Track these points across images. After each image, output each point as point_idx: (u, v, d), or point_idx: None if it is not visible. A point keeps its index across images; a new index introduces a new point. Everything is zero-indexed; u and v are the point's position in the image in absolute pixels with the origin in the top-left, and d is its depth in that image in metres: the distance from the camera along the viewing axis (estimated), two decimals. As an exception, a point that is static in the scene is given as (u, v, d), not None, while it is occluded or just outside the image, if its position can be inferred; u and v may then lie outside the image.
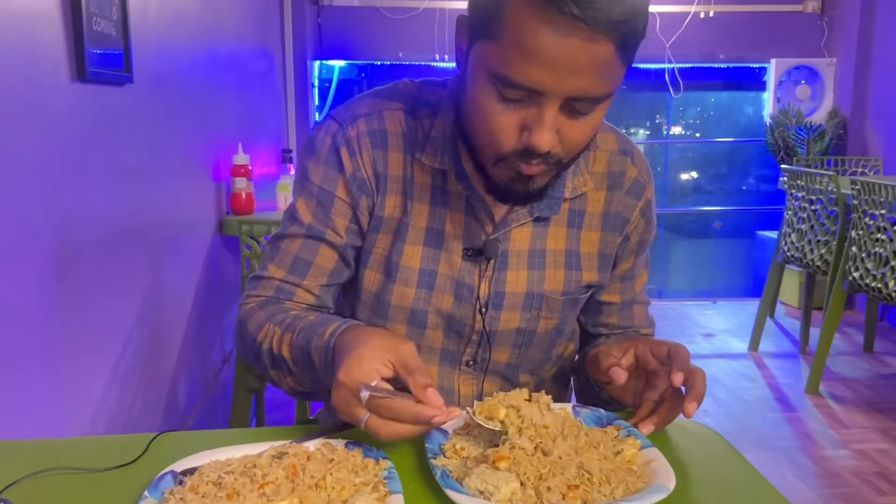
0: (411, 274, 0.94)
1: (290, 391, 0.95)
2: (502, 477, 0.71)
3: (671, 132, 5.05)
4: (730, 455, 0.85)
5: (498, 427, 0.78)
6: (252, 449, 0.77)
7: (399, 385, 0.76)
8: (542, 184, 0.84)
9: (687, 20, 4.44)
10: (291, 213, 0.95)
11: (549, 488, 0.70)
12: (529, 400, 0.82)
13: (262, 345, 0.90)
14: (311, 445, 0.77)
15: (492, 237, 0.93)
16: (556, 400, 1.06)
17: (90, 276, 1.43)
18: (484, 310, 0.95)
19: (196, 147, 2.22)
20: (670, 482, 0.71)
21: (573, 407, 0.89)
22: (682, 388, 0.85)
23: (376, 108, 0.94)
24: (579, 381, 1.05)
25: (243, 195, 2.49)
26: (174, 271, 2.01)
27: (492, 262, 0.94)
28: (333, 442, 0.78)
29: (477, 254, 0.93)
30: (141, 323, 1.71)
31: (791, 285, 4.41)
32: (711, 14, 4.44)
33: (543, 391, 0.84)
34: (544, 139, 0.76)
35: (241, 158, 2.48)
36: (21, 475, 0.75)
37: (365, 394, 0.73)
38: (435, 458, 0.76)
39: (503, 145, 0.79)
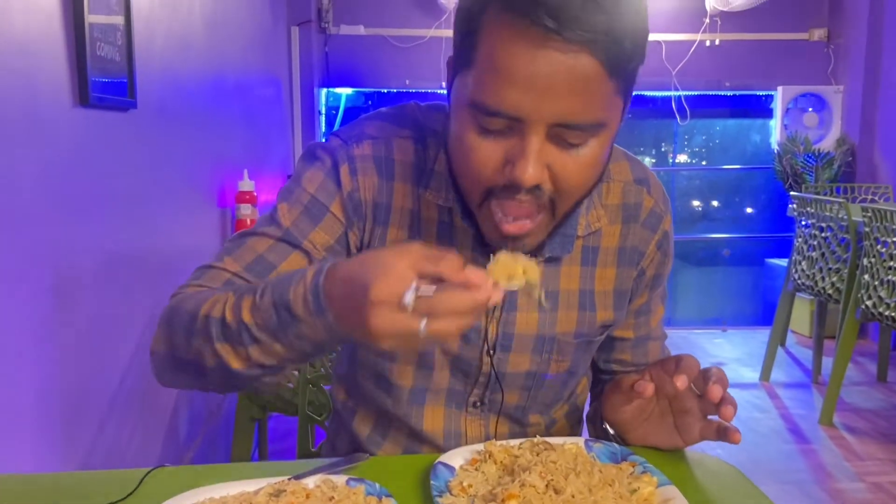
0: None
1: (247, 367, 0.75)
2: (512, 517, 0.67)
3: (678, 160, 5.03)
4: (749, 491, 0.81)
5: (523, 283, 0.69)
6: (249, 485, 0.74)
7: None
8: (537, 238, 0.76)
9: (693, 48, 4.45)
10: (270, 215, 0.87)
11: (561, 530, 0.66)
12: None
13: (208, 317, 0.74)
14: (311, 482, 0.74)
15: None
16: (568, 435, 1.03)
17: (89, 305, 1.40)
18: (492, 352, 0.90)
19: (201, 173, 2.21)
20: (690, 523, 0.67)
21: (586, 441, 0.85)
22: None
23: (384, 133, 0.87)
24: (596, 433, 0.98)
25: (248, 222, 2.47)
26: (177, 299, 1.98)
27: (501, 303, 0.87)
28: (334, 478, 0.75)
29: None
30: (141, 353, 1.68)
31: (802, 314, 4.35)
32: (717, 42, 4.45)
33: (554, 429, 0.80)
34: (528, 170, 0.68)
35: (246, 185, 2.47)
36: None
37: (410, 297, 0.61)
38: (441, 497, 0.72)
39: (485, 181, 0.72)
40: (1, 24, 1.09)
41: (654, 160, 5.07)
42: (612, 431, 0.90)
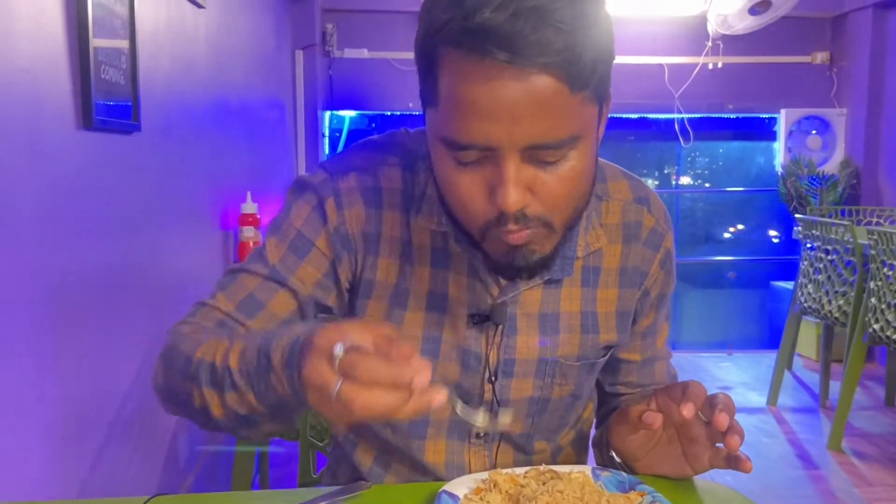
0: (413, 343, 0.86)
1: (224, 415, 0.75)
2: (518, 550, 0.65)
3: (681, 182, 5.03)
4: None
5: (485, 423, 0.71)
6: (248, 515, 0.72)
7: None
8: (544, 252, 0.75)
9: (695, 71, 4.46)
10: (259, 251, 0.87)
11: (569, 563, 0.64)
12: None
13: (200, 361, 0.76)
14: (311, 512, 0.72)
15: (499, 300, 0.85)
16: (575, 463, 1.00)
17: (90, 330, 1.39)
18: (493, 378, 0.87)
19: (204, 196, 2.20)
20: (702, 557, 0.65)
21: (593, 470, 0.83)
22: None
23: (371, 162, 0.87)
24: (602, 459, 0.95)
25: (251, 244, 2.46)
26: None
27: (500, 327, 0.86)
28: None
29: (484, 319, 0.85)
30: (141, 378, 1.66)
31: (808, 337, 4.32)
32: (720, 65, 4.47)
33: (561, 457, 0.78)
34: (509, 198, 0.68)
35: (249, 207, 2.47)
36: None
37: (339, 349, 0.60)
38: (444, 528, 0.70)
39: (477, 214, 0.72)
40: (6, 47, 1.09)
41: (657, 182, 5.07)
42: (618, 460, 0.88)
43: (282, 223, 0.87)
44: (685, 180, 5.02)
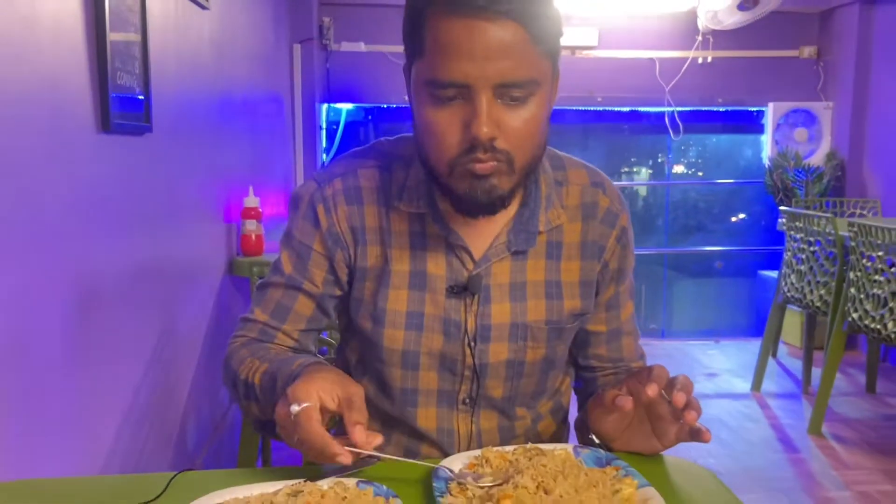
0: (399, 317, 0.99)
1: (254, 421, 1.01)
2: (506, 515, 0.75)
3: (672, 173, 5.13)
4: (724, 495, 0.88)
5: None
6: (268, 487, 0.81)
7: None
8: (503, 187, 0.88)
9: (685, 65, 4.55)
10: (276, 264, 1.04)
11: (550, 526, 0.74)
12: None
13: (239, 376, 0.98)
14: (325, 484, 0.81)
15: (473, 273, 0.98)
16: (554, 435, 1.11)
17: (107, 318, 1.48)
18: (473, 343, 0.99)
19: (209, 191, 2.29)
20: (665, 520, 0.75)
21: (574, 447, 0.93)
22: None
23: (352, 167, 1.02)
24: (584, 441, 1.05)
25: (253, 237, 2.55)
26: (186, 313, 2.06)
27: (476, 297, 0.99)
28: (345, 481, 0.82)
29: (461, 290, 0.98)
30: (155, 364, 1.76)
31: (793, 325, 4.44)
32: (709, 59, 4.55)
33: (541, 425, 0.88)
34: (483, 127, 0.83)
35: (251, 201, 2.55)
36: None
37: (295, 408, 0.81)
38: (442, 497, 0.80)
39: (451, 147, 0.86)
40: (32, 59, 1.17)
41: (651, 171, 5.16)
42: (597, 441, 0.98)
43: (288, 238, 1.03)
44: (676, 171, 5.11)
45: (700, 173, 5.15)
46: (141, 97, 1.59)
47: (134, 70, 1.53)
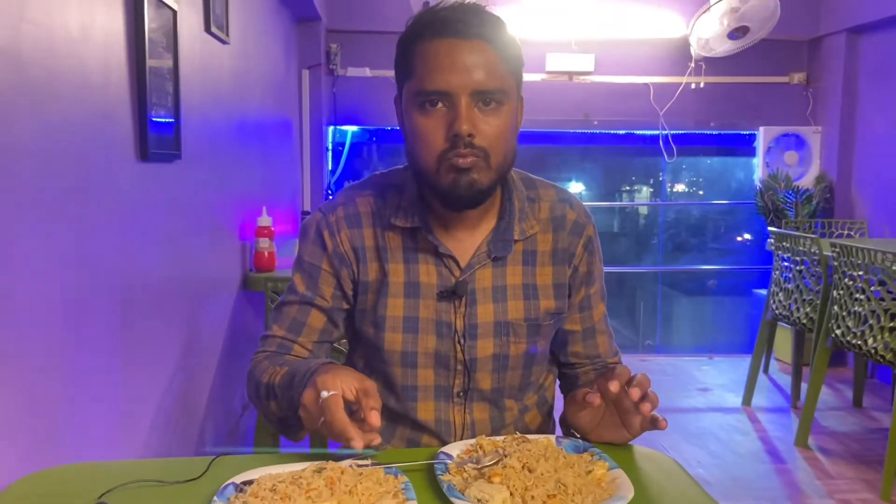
0: (396, 322, 1.15)
1: (275, 420, 1.14)
2: (496, 489, 0.90)
3: (666, 195, 5.30)
4: (683, 478, 1.03)
5: None
6: (296, 467, 0.96)
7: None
8: (481, 181, 1.05)
9: (679, 90, 4.72)
10: (291, 285, 1.20)
11: (532, 497, 0.89)
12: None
13: (261, 381, 1.11)
14: (344, 464, 0.96)
15: (460, 279, 1.14)
16: (540, 428, 1.27)
17: (142, 326, 1.64)
18: (462, 341, 1.15)
19: (226, 211, 2.45)
20: (629, 494, 0.90)
21: (556, 438, 1.08)
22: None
23: (351, 197, 1.19)
24: (567, 434, 1.18)
25: (266, 254, 2.71)
26: (206, 324, 2.22)
27: (463, 299, 1.15)
28: (360, 462, 0.97)
29: (450, 294, 1.14)
30: (182, 364, 1.91)
31: (785, 342, 4.56)
32: (702, 85, 4.73)
33: (528, 416, 1.03)
34: (463, 124, 1.01)
35: (265, 220, 2.72)
36: (111, 486, 0.94)
37: (324, 394, 0.95)
38: (443, 475, 0.95)
39: (437, 145, 1.03)
40: (84, 99, 1.33)
41: (646, 191, 5.32)
42: (577, 434, 1.13)
43: (299, 262, 1.20)
44: (670, 192, 5.28)
45: (701, 192, 5.30)
46: (172, 127, 1.76)
47: (167, 104, 1.70)
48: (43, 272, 1.15)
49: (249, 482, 0.92)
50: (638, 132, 4.91)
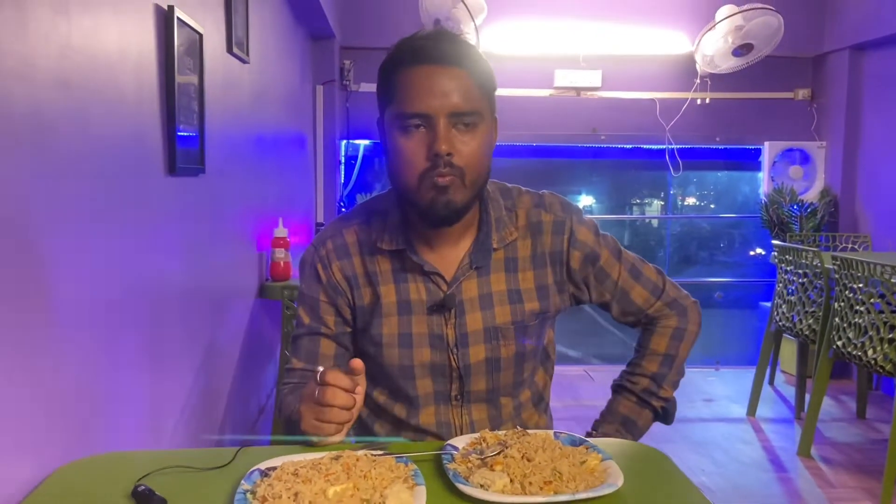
0: (392, 339, 1.24)
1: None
2: (497, 475, 0.99)
3: (673, 208, 5.37)
4: (673, 471, 1.11)
5: None
6: (315, 455, 1.05)
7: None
8: (457, 200, 1.14)
9: (685, 106, 4.81)
10: (298, 320, 1.31)
11: (530, 483, 0.98)
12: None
13: (286, 417, 1.22)
14: (359, 453, 1.05)
15: (448, 292, 1.23)
16: (537, 424, 1.36)
17: (169, 329, 1.74)
18: (455, 350, 1.24)
19: (245, 223, 2.56)
20: (619, 481, 0.98)
21: (555, 433, 1.16)
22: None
23: (338, 228, 1.28)
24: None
25: (282, 263, 2.82)
26: (225, 330, 2.32)
27: (452, 311, 1.23)
28: (373, 452, 1.06)
29: (440, 308, 1.23)
30: (203, 365, 2.01)
31: (791, 355, 4.60)
32: (707, 101, 4.81)
33: (524, 413, 1.11)
34: (442, 144, 1.09)
35: (281, 231, 2.82)
36: (147, 472, 1.04)
37: (320, 369, 1.08)
38: (449, 464, 1.04)
39: (418, 165, 1.11)
40: (123, 119, 1.44)
41: (652, 205, 5.39)
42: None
43: (301, 295, 1.30)
44: (681, 205, 5.35)
45: (713, 206, 5.36)
46: (197, 142, 1.87)
47: (193, 122, 1.81)
48: (83, 279, 1.25)
49: (273, 468, 1.02)
50: (645, 146, 5.00)
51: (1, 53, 1.00)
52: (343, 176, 4.76)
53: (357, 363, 1.08)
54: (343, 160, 4.75)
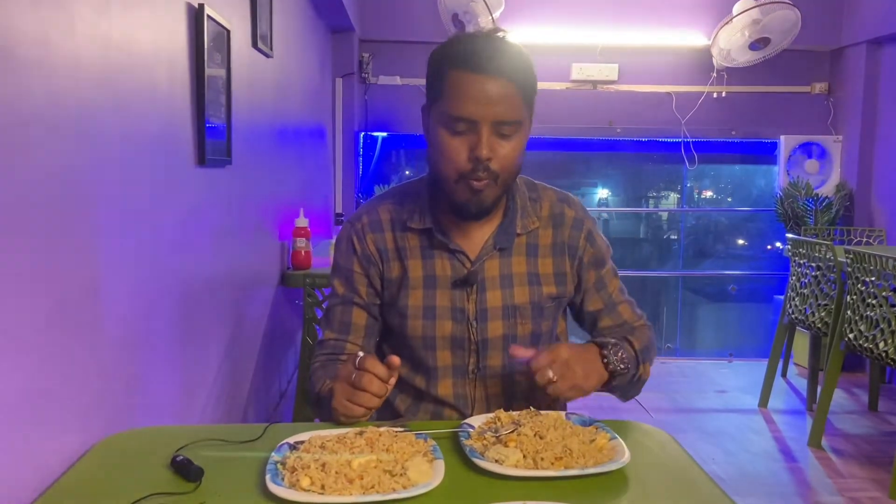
0: (417, 311, 1.32)
1: (319, 412, 1.32)
2: (511, 451, 1.05)
3: (688, 201, 5.40)
4: (677, 450, 1.17)
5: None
6: (340, 431, 1.12)
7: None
8: (488, 201, 1.23)
9: (701, 99, 4.83)
10: (332, 291, 1.38)
11: (542, 458, 1.04)
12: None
13: (314, 391, 1.30)
14: (382, 428, 1.12)
15: (471, 270, 1.31)
16: (547, 403, 1.39)
17: (198, 313, 1.82)
18: (474, 323, 1.32)
19: (268, 212, 2.64)
20: (625, 457, 1.05)
21: (566, 413, 1.23)
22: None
23: (374, 206, 1.37)
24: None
25: (303, 252, 2.89)
26: (249, 316, 2.40)
27: (474, 287, 1.32)
28: (394, 429, 1.13)
29: (463, 283, 1.32)
30: (230, 349, 2.10)
31: (804, 347, 4.63)
32: (724, 94, 4.83)
33: (537, 393, 1.18)
34: (484, 150, 1.17)
35: (302, 221, 2.90)
36: (183, 445, 1.11)
37: (360, 353, 1.16)
38: (466, 440, 1.10)
39: (459, 165, 1.19)
40: (157, 111, 1.51)
41: (667, 197, 5.42)
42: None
43: (336, 268, 1.38)
44: (697, 198, 5.38)
45: (730, 199, 5.38)
46: (224, 134, 1.94)
47: (220, 114, 1.88)
48: (120, 266, 1.33)
49: (301, 442, 1.09)
50: (660, 140, 5.02)
51: (52, 54, 1.07)
52: (361, 167, 4.83)
53: (395, 359, 1.15)
54: (361, 152, 4.82)
